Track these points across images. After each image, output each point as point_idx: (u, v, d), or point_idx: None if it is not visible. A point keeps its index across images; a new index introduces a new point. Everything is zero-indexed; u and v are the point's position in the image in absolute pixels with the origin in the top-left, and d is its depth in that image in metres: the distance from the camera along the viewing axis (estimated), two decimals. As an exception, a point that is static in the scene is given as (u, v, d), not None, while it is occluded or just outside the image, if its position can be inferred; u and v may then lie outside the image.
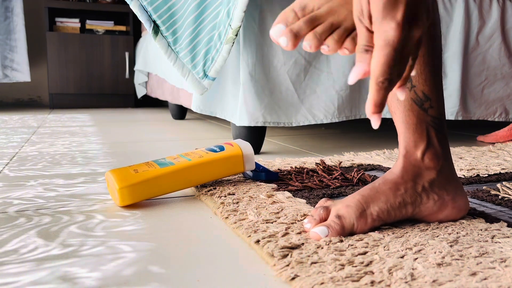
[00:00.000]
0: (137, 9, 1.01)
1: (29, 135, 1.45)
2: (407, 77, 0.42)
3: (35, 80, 2.97)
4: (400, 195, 0.53)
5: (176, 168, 0.68)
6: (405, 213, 0.53)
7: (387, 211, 0.52)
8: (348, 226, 0.50)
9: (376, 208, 0.52)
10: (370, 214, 0.51)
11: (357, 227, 0.50)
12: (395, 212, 0.52)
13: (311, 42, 0.43)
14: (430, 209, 0.54)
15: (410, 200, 0.53)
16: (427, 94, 0.55)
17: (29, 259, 0.46)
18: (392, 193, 0.53)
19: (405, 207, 0.53)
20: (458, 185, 0.56)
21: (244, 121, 1.03)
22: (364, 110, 1.14)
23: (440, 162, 0.55)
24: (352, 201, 0.52)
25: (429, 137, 0.55)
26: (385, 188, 0.53)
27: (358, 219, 0.50)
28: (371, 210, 0.51)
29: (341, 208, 0.52)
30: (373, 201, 0.52)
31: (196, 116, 2.28)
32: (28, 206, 0.65)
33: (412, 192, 0.54)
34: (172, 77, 1.63)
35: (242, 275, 0.42)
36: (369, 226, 0.51)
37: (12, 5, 2.59)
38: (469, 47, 1.23)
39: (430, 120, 0.55)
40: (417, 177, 0.54)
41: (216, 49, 0.98)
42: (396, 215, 0.53)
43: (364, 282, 0.38)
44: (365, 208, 0.51)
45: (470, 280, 0.38)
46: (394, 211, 0.52)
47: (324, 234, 0.49)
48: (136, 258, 0.46)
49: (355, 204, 0.52)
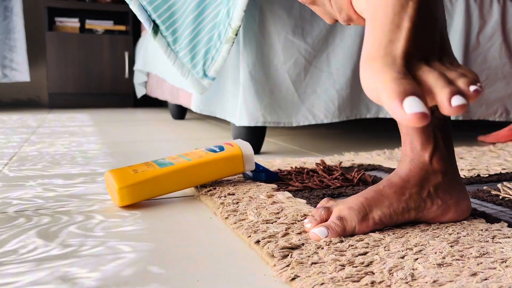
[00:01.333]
0: (137, 9, 1.01)
1: (29, 135, 1.44)
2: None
3: (35, 80, 2.97)
4: (404, 201, 0.52)
5: (176, 168, 0.68)
6: (408, 217, 0.53)
7: (389, 215, 0.51)
8: (349, 228, 0.50)
9: (379, 213, 0.51)
10: (372, 218, 0.51)
11: (358, 230, 0.50)
12: (397, 217, 0.52)
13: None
14: (433, 213, 0.53)
15: (414, 205, 0.52)
16: None
17: (28, 259, 0.45)
18: (396, 198, 0.52)
19: (408, 212, 0.52)
20: (461, 188, 0.55)
21: (244, 121, 1.03)
22: (365, 110, 1.14)
23: (446, 164, 0.54)
24: (355, 203, 0.51)
25: (436, 139, 0.54)
26: (390, 191, 0.52)
27: (359, 223, 0.50)
28: (373, 214, 0.51)
29: (343, 209, 0.51)
30: (376, 205, 0.51)
31: (196, 116, 2.28)
32: (27, 206, 0.65)
33: (416, 197, 0.53)
34: (171, 77, 1.63)
35: (242, 276, 0.42)
36: (370, 229, 0.51)
37: (12, 5, 2.59)
38: (469, 47, 1.23)
39: (436, 122, 0.54)
40: (424, 181, 0.53)
41: (216, 48, 0.98)
42: (399, 219, 0.52)
43: (364, 283, 0.38)
44: (367, 212, 0.51)
45: (470, 280, 0.38)
46: (396, 216, 0.52)
47: (324, 235, 0.49)
48: (136, 258, 0.46)
49: (358, 207, 0.51)
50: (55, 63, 2.69)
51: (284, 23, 1.03)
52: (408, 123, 0.35)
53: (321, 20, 1.07)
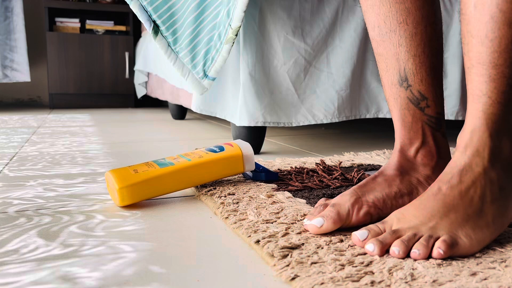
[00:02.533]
0: (137, 9, 1.01)
1: (29, 135, 1.45)
2: None
3: (35, 80, 2.97)
4: (396, 186, 0.54)
5: (176, 168, 0.68)
6: (402, 202, 0.53)
7: (382, 199, 0.52)
8: (343, 212, 0.50)
9: (372, 196, 0.52)
10: (366, 201, 0.52)
11: (352, 213, 0.50)
12: (391, 201, 0.53)
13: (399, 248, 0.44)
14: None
15: (406, 191, 0.54)
16: (424, 94, 0.56)
17: (29, 259, 0.46)
18: (387, 184, 0.54)
19: (402, 198, 0.54)
20: None
21: (244, 121, 1.03)
22: (364, 110, 1.14)
23: (434, 159, 0.56)
24: (347, 191, 0.53)
25: (424, 135, 0.56)
26: (381, 180, 0.54)
27: (352, 205, 0.51)
28: (366, 197, 0.52)
29: (336, 198, 0.53)
30: (368, 191, 0.53)
31: (196, 116, 2.28)
32: (28, 206, 0.65)
33: (407, 184, 0.54)
34: (172, 77, 1.63)
35: (242, 275, 0.42)
36: (364, 213, 0.51)
37: (12, 5, 2.59)
38: (469, 47, 1.22)
39: (426, 119, 0.56)
40: (412, 170, 0.55)
41: (216, 49, 0.98)
42: (393, 204, 0.53)
43: (364, 282, 0.38)
44: (360, 195, 0.52)
45: (470, 280, 0.38)
46: (390, 200, 0.53)
47: (320, 224, 0.49)
48: (137, 258, 0.46)
49: (350, 192, 0.53)
50: (55, 63, 2.69)
51: (284, 23, 1.04)
52: None
53: (321, 20, 1.07)
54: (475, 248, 0.44)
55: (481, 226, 0.45)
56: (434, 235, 0.44)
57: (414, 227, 0.45)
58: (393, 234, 0.45)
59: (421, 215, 0.46)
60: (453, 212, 0.46)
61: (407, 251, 0.43)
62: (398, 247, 0.43)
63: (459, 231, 0.44)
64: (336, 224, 0.49)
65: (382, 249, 0.44)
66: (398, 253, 0.43)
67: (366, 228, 0.47)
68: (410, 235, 0.44)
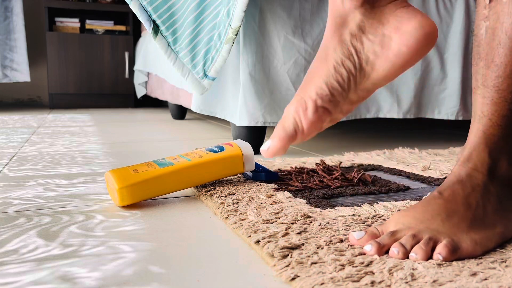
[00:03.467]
0: (137, 9, 1.01)
1: (29, 135, 1.45)
2: None
3: (35, 80, 2.97)
4: (332, 57, 0.47)
5: (176, 168, 0.68)
6: (356, 78, 0.47)
7: (327, 87, 0.46)
8: (288, 124, 0.46)
9: (312, 88, 0.46)
10: (309, 97, 0.46)
11: (300, 119, 0.46)
12: (339, 84, 0.47)
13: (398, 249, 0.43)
14: (372, 54, 0.47)
15: (347, 52, 0.47)
16: None
17: (29, 259, 0.46)
18: (323, 64, 0.47)
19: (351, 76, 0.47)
20: (401, 11, 0.48)
21: (244, 121, 1.03)
22: (364, 110, 1.14)
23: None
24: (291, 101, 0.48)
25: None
26: (316, 63, 0.48)
27: (297, 111, 0.46)
28: (308, 93, 0.47)
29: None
30: (306, 86, 0.47)
31: (196, 116, 2.28)
32: (28, 206, 0.65)
33: (341, 47, 0.47)
34: (172, 77, 1.63)
35: (242, 275, 0.42)
36: (313, 111, 0.46)
37: (12, 5, 2.59)
38: (469, 47, 1.23)
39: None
40: (342, 26, 0.47)
41: (216, 49, 0.98)
42: (344, 88, 0.47)
43: (364, 283, 0.38)
44: (302, 96, 0.47)
45: (470, 280, 0.38)
46: (337, 83, 0.47)
47: (267, 146, 0.47)
48: (136, 258, 0.46)
49: (292, 101, 0.47)
50: (55, 63, 2.69)
51: (284, 23, 1.04)
52: None
53: (320, 20, 1.07)
54: (478, 252, 0.44)
55: (485, 231, 0.45)
56: (435, 237, 0.44)
57: (414, 228, 0.45)
58: (392, 235, 0.45)
59: (422, 217, 0.46)
60: (456, 216, 0.45)
61: (406, 253, 0.43)
62: (398, 248, 0.43)
63: (464, 235, 0.44)
64: (283, 140, 0.45)
65: (380, 250, 0.44)
66: (398, 253, 0.43)
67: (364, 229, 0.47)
68: (409, 237, 0.44)
